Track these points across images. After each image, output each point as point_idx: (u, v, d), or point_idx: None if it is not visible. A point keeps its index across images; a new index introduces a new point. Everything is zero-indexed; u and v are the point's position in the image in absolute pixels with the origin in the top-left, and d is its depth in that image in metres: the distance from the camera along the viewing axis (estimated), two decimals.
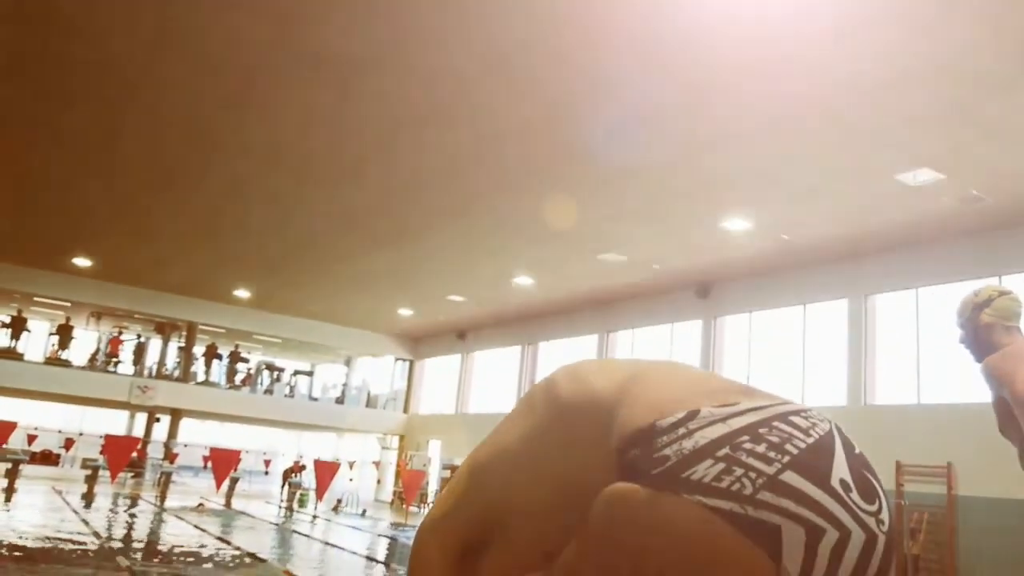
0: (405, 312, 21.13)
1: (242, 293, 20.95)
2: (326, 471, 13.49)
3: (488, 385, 21.78)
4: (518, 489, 1.37)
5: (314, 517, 17.50)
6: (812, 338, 13.21)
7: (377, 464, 24.97)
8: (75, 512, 13.36)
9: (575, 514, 1.28)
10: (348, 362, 28.68)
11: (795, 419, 1.23)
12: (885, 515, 1.18)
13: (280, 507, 20.09)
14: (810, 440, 1.10)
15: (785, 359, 13.62)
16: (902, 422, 11.18)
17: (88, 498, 16.33)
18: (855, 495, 1.06)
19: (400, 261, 15.57)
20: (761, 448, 1.07)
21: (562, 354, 19.21)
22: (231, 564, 9.29)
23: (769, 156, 9.13)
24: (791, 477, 1.04)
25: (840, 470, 1.08)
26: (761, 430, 1.09)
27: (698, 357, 14.86)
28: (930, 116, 7.87)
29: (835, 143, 8.65)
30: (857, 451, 1.26)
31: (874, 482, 1.22)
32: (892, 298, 12.17)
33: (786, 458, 1.06)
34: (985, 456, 10.11)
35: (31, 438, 24.78)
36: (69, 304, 22.71)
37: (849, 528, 1.03)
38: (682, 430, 1.12)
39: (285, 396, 25.30)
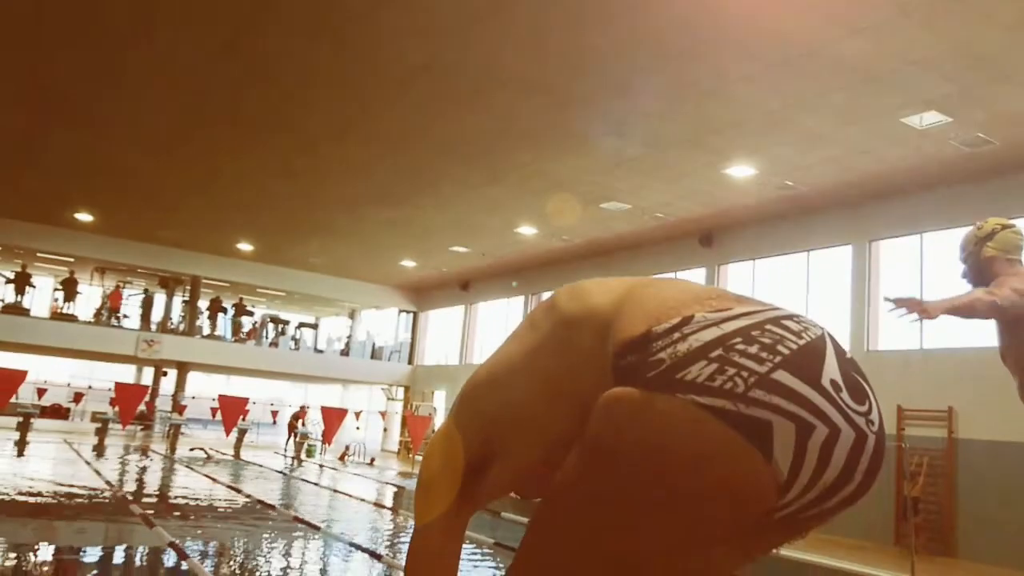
0: (408, 264, 21.15)
1: (245, 247, 20.95)
2: (333, 417, 13.68)
3: (492, 335, 21.91)
4: (519, 403, 1.44)
5: (322, 466, 17.78)
6: (816, 285, 13.22)
7: (383, 414, 25.29)
8: (87, 463, 13.59)
9: (575, 424, 1.28)
10: (352, 314, 28.82)
11: (787, 323, 1.23)
12: (875, 416, 1.20)
13: (286, 456, 20.43)
14: (802, 342, 1.19)
15: (788, 307, 13.64)
16: (904, 368, 11.25)
17: (99, 450, 16.59)
18: (845, 395, 1.16)
19: (401, 212, 15.52)
20: (753, 349, 1.15)
21: None
22: (242, 511, 9.48)
23: (773, 101, 9.01)
24: (782, 376, 1.13)
25: (831, 371, 1.17)
26: (754, 332, 1.18)
27: None
28: (937, 58, 7.74)
29: (840, 87, 8.53)
30: (848, 355, 1.25)
31: (864, 384, 1.22)
32: (896, 244, 12.15)
33: (778, 358, 1.14)
34: (986, 400, 10.22)
35: (41, 392, 25.06)
36: (72, 259, 22.74)
37: (839, 426, 1.13)
38: (676, 335, 1.19)
39: (290, 349, 25.50)
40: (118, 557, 6.58)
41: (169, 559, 6.08)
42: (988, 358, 10.30)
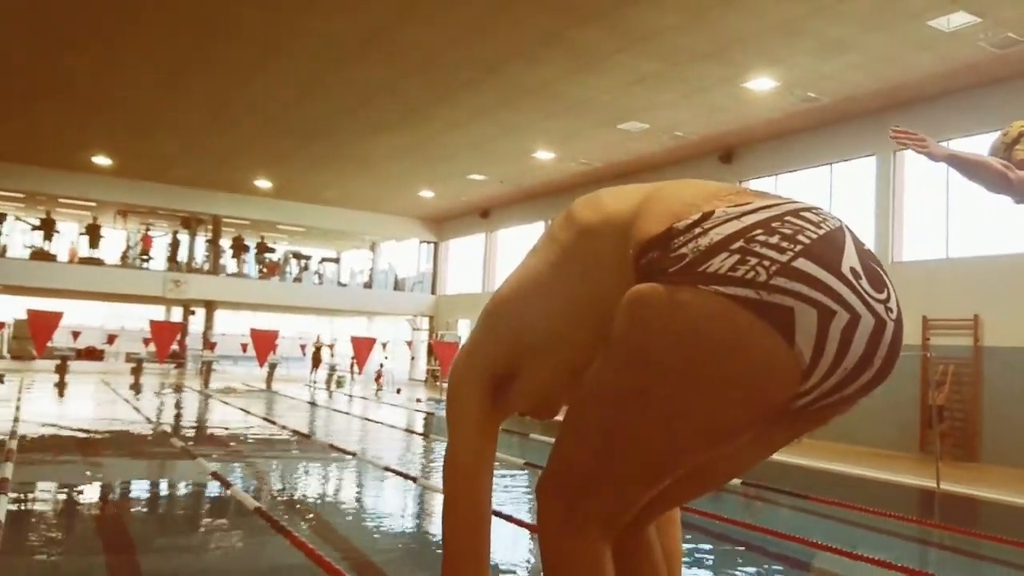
0: (427, 194, 21.08)
1: (263, 183, 20.97)
2: (362, 346, 13.91)
3: (513, 263, 21.91)
4: (543, 317, 1.47)
5: (351, 396, 18.18)
6: (839, 199, 13.04)
7: (409, 344, 25.65)
8: (126, 401, 13.99)
9: (598, 333, 1.31)
10: (373, 247, 28.95)
11: (807, 214, 1.26)
12: (894, 304, 1.23)
13: (311, 386, 20.89)
14: (821, 232, 1.22)
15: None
16: (930, 278, 11.17)
17: (136, 388, 17.06)
18: (864, 282, 1.18)
19: (418, 140, 15.39)
20: (774, 239, 1.18)
21: None
22: (278, 441, 9.77)
23: (795, 8, 8.73)
24: (803, 264, 1.15)
25: (850, 259, 1.20)
26: (774, 224, 1.20)
27: None
28: None
29: None
30: (866, 246, 1.28)
31: (883, 273, 1.24)
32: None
33: (798, 247, 1.17)
34: (1012, 307, 10.17)
35: (75, 335, 25.67)
36: (94, 204, 22.93)
37: (859, 312, 1.16)
38: (698, 230, 1.21)
39: (314, 284, 25.77)
40: (163, 488, 6.84)
41: (212, 488, 6.31)
42: (1015, 265, 10.24)
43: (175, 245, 24.41)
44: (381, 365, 21.23)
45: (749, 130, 13.44)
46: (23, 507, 5.39)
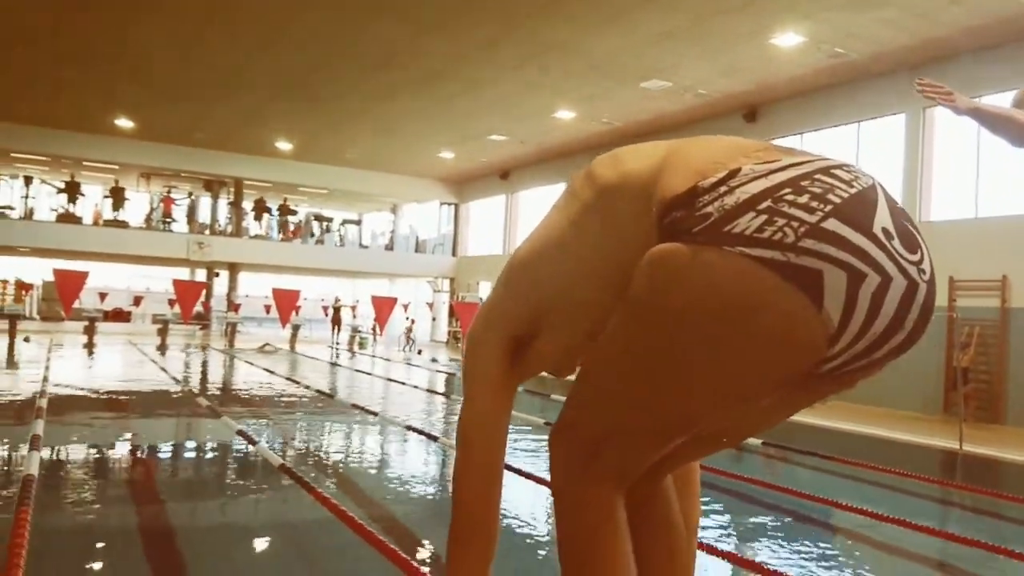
0: (447, 155, 20.99)
1: (283, 145, 20.96)
2: (383, 305, 13.99)
3: (533, 224, 21.85)
4: (563, 276, 1.45)
5: (373, 357, 18.34)
6: (865, 158, 12.81)
7: (430, 306, 25.77)
8: (153, 361, 14.21)
9: (619, 294, 1.28)
10: (394, 209, 28.95)
11: (838, 172, 1.21)
12: (927, 265, 1.19)
13: (334, 348, 21.10)
14: (853, 190, 1.17)
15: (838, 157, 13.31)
16: (957, 238, 10.99)
17: (162, 349, 17.31)
18: (897, 243, 1.14)
19: (438, 101, 15.27)
20: (804, 199, 1.13)
21: None
22: (302, 400, 9.89)
23: None
24: (833, 224, 1.11)
25: (883, 219, 1.15)
26: (803, 183, 1.16)
27: None
28: None
29: None
30: (899, 206, 1.24)
31: (916, 234, 1.20)
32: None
33: (828, 207, 1.13)
34: None
35: (102, 296, 26.06)
36: (117, 167, 23.08)
37: (891, 274, 1.12)
38: (723, 188, 1.17)
39: (336, 246, 25.87)
40: (190, 446, 6.96)
41: (238, 446, 6.42)
42: None
43: (192, 207, 24.61)
44: (412, 321, 21.49)
45: (774, 87, 13.19)
46: (55, 463, 5.52)
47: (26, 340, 16.31)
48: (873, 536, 4.46)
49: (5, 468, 5.46)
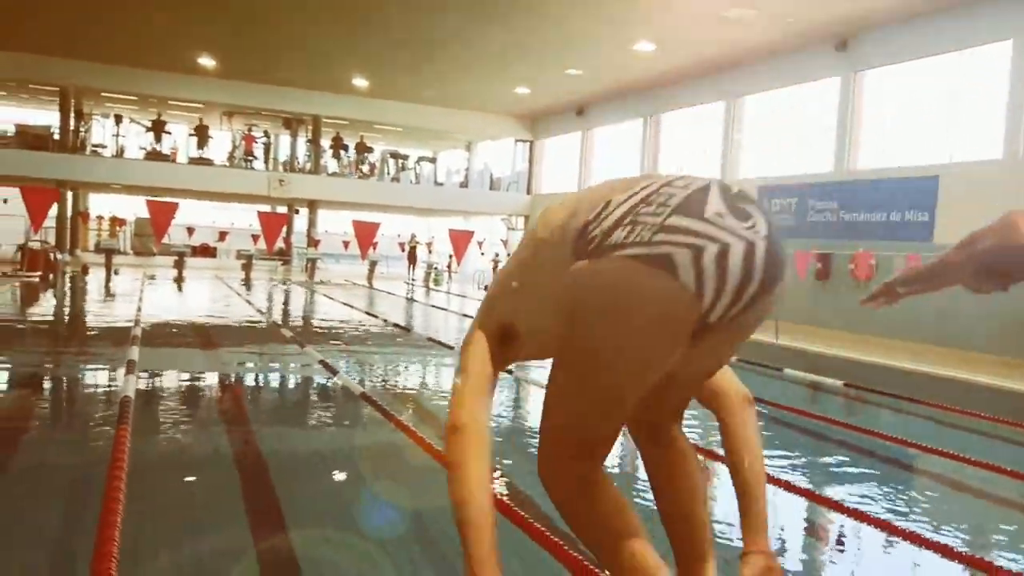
0: (522, 91, 20.69)
1: (360, 82, 21.03)
2: (460, 239, 14.09)
3: (610, 161, 21.52)
4: (520, 313, 1.91)
5: (448, 294, 18.59)
6: (967, 90, 12.02)
7: (505, 243, 25.85)
8: (239, 295, 14.75)
9: (560, 319, 1.66)
10: (469, 147, 28.88)
11: (676, 182, 1.64)
12: (761, 226, 1.56)
13: (410, 284, 21.46)
14: (687, 192, 1.58)
15: (933, 114, 12.57)
16: None
17: (247, 283, 17.94)
18: (729, 219, 1.53)
19: (513, 35, 14.99)
20: (652, 208, 1.58)
21: (686, 126, 18.53)
22: (380, 334, 10.13)
23: None
24: (674, 219, 1.53)
25: (714, 206, 1.54)
26: (651, 197, 1.60)
27: (834, 118, 13.95)
28: None
29: None
30: (736, 191, 1.62)
31: (747, 207, 1.58)
32: None
33: (668, 209, 1.55)
34: None
35: (190, 231, 27.08)
36: (201, 105, 23.63)
37: (727, 241, 1.50)
38: (602, 216, 1.64)
39: (411, 183, 26.05)
40: (275, 375, 7.23)
41: (320, 375, 6.63)
42: None
43: (269, 145, 25.15)
44: (496, 255, 21.74)
45: (868, 15, 12.44)
46: (150, 388, 5.82)
47: (116, 273, 17.13)
48: (965, 481, 4.34)
49: (106, 389, 5.79)
